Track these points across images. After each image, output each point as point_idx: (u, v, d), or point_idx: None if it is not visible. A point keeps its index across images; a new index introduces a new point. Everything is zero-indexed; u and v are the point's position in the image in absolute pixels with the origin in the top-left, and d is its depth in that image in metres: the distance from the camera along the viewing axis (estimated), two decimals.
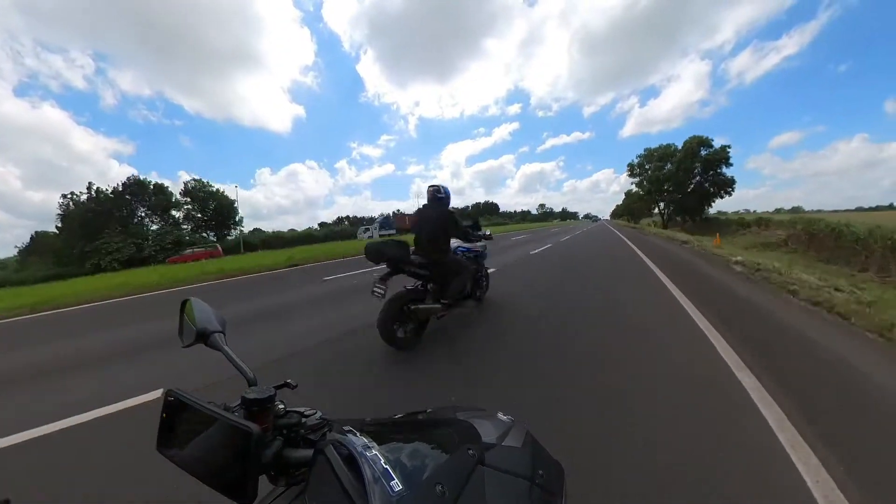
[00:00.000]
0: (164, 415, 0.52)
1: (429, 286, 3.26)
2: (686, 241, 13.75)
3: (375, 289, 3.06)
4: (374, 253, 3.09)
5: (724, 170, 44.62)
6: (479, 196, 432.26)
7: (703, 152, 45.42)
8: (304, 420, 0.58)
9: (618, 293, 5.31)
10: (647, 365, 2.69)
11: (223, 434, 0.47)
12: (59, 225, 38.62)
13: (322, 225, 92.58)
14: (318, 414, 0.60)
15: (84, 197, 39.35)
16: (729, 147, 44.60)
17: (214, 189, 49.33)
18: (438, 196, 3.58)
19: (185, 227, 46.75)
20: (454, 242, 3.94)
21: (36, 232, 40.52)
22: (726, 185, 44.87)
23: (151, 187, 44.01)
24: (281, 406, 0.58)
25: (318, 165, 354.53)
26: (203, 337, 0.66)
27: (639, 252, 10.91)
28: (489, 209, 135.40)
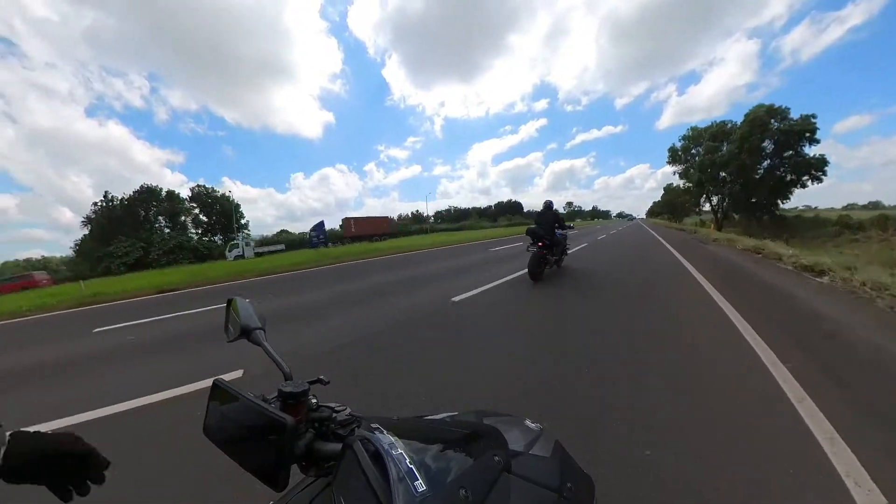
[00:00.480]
0: (211, 402, 0.56)
1: (545, 251, 6.65)
2: (774, 254, 7.91)
3: (530, 248, 6.69)
4: (533, 234, 6.65)
5: (808, 149, 31.19)
6: (506, 195, 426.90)
7: (774, 125, 32.01)
8: (334, 415, 0.61)
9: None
10: None
11: (261, 423, 0.51)
12: (86, 232, 42.84)
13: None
14: (348, 410, 0.63)
15: (111, 203, 43.53)
16: (814, 117, 30.30)
17: (219, 194, 51.08)
18: (549, 204, 7.56)
19: (193, 232, 48.73)
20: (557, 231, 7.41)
21: (83, 236, 43.99)
22: (811, 169, 31.33)
23: (164, 194, 46.56)
24: (314, 400, 0.62)
25: (348, 169, 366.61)
26: (246, 333, 0.71)
27: (697, 275, 6.29)
28: (512, 208, 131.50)
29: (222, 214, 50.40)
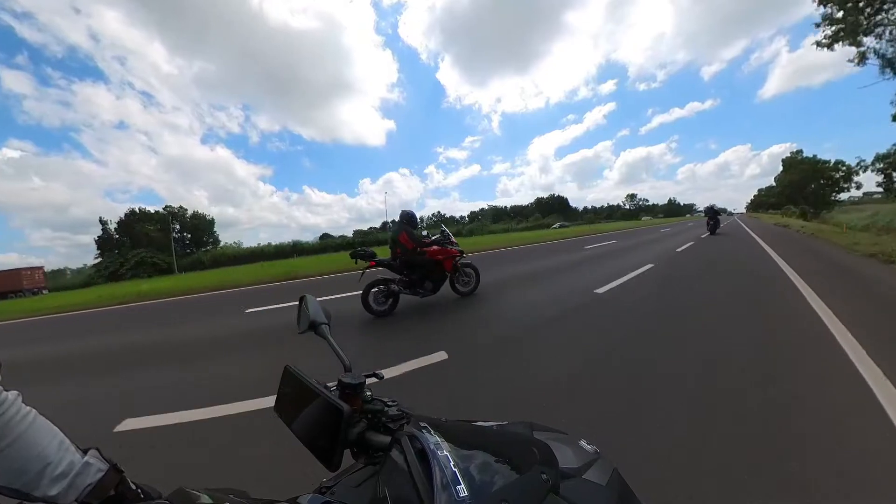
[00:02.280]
0: (282, 385, 0.64)
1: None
2: None
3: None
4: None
5: None
6: (571, 191, 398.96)
7: None
8: (386, 409, 0.65)
9: None
10: None
11: (322, 408, 0.57)
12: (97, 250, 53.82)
13: (359, 232, 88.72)
14: (399, 406, 0.67)
15: (112, 226, 55.07)
16: None
17: (191, 213, 61.42)
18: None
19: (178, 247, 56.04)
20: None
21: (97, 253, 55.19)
22: None
23: (153, 212, 56.91)
24: (369, 393, 0.67)
25: (410, 172, 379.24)
26: (314, 326, 0.79)
27: None
28: (558, 205, 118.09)
29: (196, 230, 60.10)
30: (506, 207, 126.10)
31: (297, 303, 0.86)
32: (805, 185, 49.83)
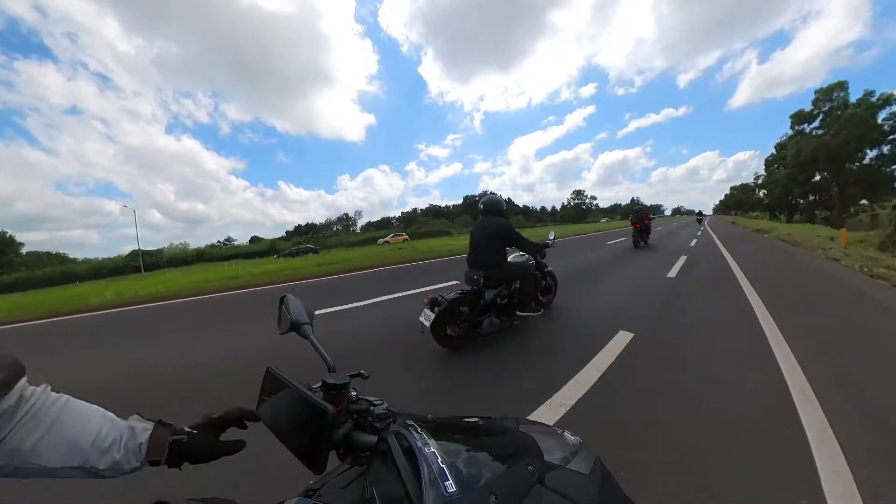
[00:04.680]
0: (263, 387, 0.63)
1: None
2: None
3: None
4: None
5: None
6: (551, 191, 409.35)
7: None
8: (372, 408, 0.65)
9: None
10: None
11: (305, 409, 0.56)
12: None
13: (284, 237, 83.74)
14: (385, 405, 0.66)
15: None
16: None
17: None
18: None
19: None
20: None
21: None
22: None
23: None
24: (353, 393, 0.67)
25: (391, 169, 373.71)
26: (295, 327, 0.78)
27: None
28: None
29: None
30: (448, 207, 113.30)
31: (278, 303, 0.84)
32: (842, 158, 28.37)
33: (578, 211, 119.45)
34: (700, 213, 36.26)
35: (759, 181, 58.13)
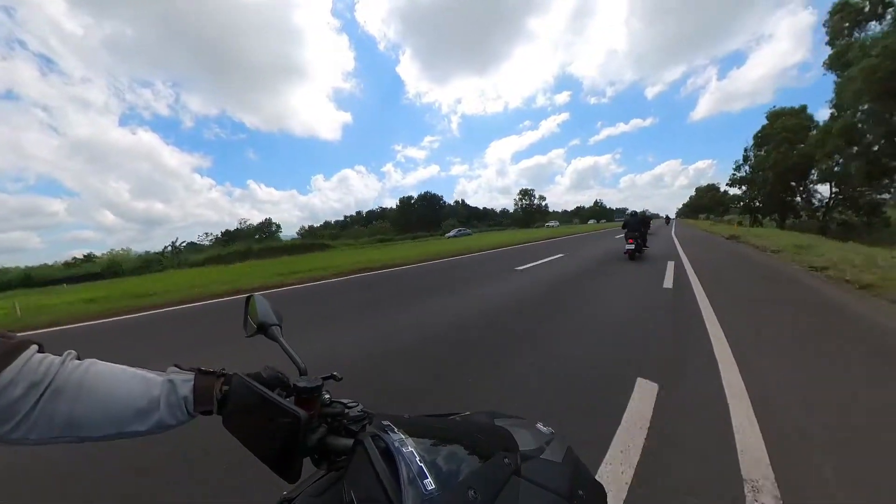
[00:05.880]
0: (230, 395, 0.60)
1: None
2: None
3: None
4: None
5: None
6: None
7: None
8: (346, 411, 0.64)
9: None
10: None
11: (276, 417, 0.54)
12: None
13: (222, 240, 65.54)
14: (360, 406, 0.66)
15: None
16: None
17: None
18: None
19: None
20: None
21: None
22: None
23: None
24: (327, 396, 0.65)
25: (367, 170, 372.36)
26: (262, 329, 0.75)
27: None
28: (427, 207, 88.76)
29: None
30: (380, 209, 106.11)
31: (244, 303, 0.81)
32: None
33: (527, 214, 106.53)
34: (667, 217, 49.53)
35: (740, 174, 44.78)
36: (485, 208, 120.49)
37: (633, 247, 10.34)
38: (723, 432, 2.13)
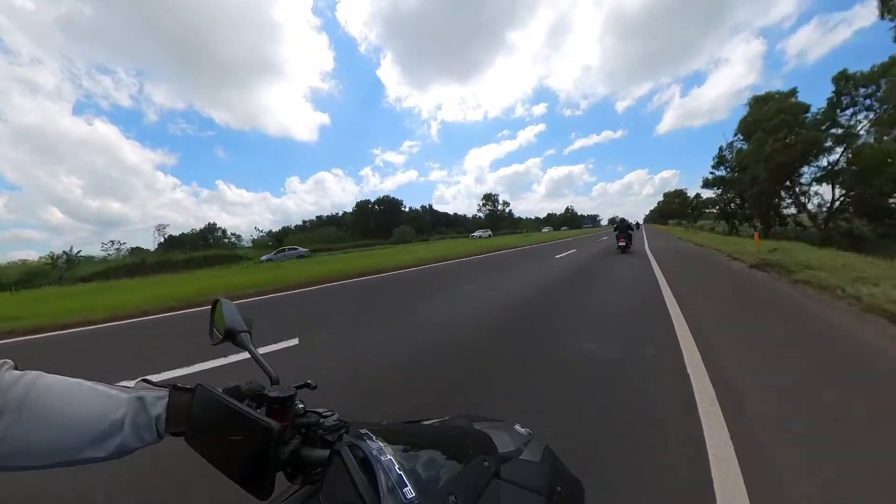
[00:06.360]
0: (193, 407, 0.55)
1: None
2: None
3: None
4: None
5: None
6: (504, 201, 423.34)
7: None
8: (322, 420, 0.61)
9: None
10: None
11: (245, 430, 0.51)
12: None
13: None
14: (336, 416, 0.63)
15: None
16: None
17: None
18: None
19: None
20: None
21: None
22: None
23: None
24: (300, 406, 0.62)
25: (344, 173, 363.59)
26: (230, 336, 0.71)
27: None
28: (385, 211, 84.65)
29: None
30: (338, 214, 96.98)
31: (210, 308, 0.78)
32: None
33: (492, 221, 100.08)
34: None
35: (717, 174, 38.87)
36: (456, 214, 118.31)
37: (624, 244, 13.70)
38: None
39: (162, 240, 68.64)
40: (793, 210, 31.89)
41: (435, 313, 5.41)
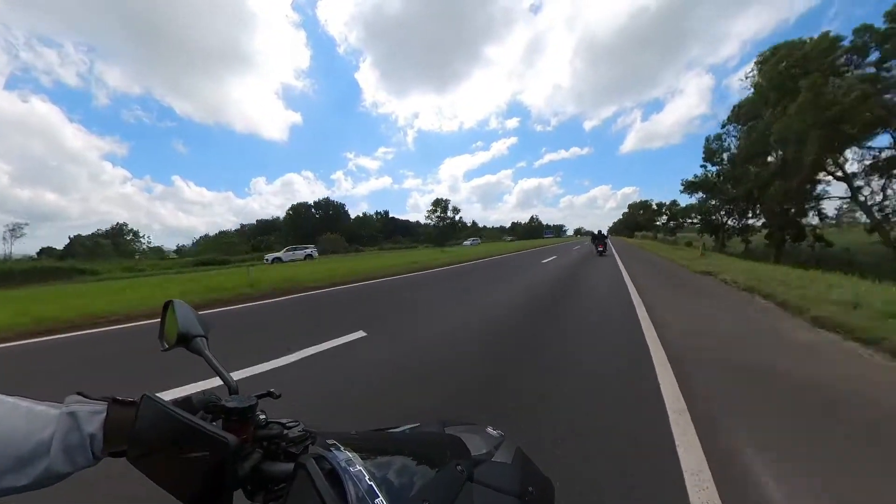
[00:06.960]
0: (138, 421, 0.48)
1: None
2: None
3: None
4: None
5: None
6: (476, 211, 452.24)
7: None
8: (285, 432, 0.57)
9: None
10: None
11: (199, 445, 0.46)
12: None
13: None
14: (301, 426, 0.59)
15: None
16: None
17: None
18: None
19: None
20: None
21: None
22: None
23: None
24: (262, 416, 0.58)
25: (315, 176, 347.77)
26: (184, 340, 0.66)
27: None
28: (330, 216, 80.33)
29: None
30: (277, 219, 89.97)
31: (162, 310, 0.72)
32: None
33: (441, 231, 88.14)
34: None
35: (701, 176, 33.05)
36: (418, 222, 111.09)
37: (602, 249, 19.32)
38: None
39: (11, 243, 50.67)
40: (811, 217, 22.66)
41: None
